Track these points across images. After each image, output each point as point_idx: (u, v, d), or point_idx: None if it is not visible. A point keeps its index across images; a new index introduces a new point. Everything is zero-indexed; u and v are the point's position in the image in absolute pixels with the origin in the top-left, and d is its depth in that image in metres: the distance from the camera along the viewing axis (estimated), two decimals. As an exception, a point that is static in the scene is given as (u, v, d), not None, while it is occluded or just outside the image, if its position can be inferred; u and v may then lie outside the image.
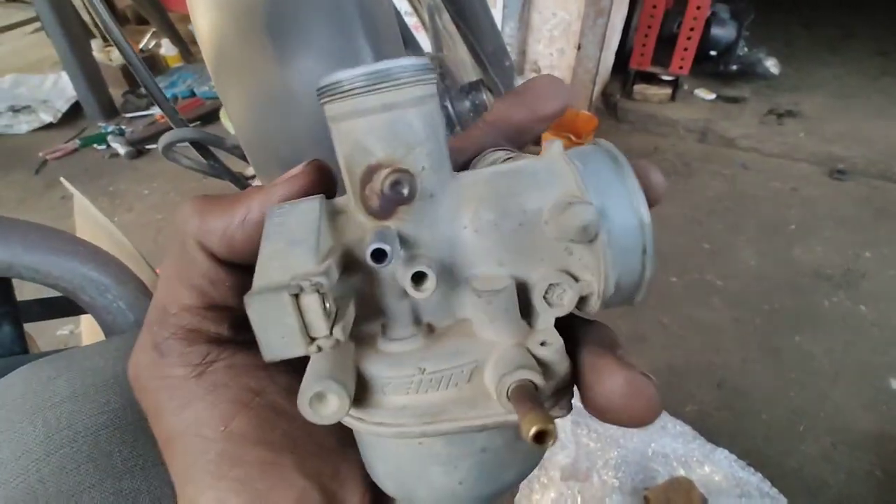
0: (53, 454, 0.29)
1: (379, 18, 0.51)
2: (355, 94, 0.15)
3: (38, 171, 2.35)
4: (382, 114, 0.15)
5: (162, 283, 0.19)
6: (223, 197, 0.19)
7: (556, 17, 2.35)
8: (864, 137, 2.40)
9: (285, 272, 0.13)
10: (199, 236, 0.18)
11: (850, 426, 1.31)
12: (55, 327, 1.52)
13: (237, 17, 0.48)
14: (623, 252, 0.15)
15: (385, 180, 0.15)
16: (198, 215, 0.18)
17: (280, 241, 0.15)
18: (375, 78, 0.14)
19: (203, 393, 0.18)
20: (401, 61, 0.15)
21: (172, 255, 0.19)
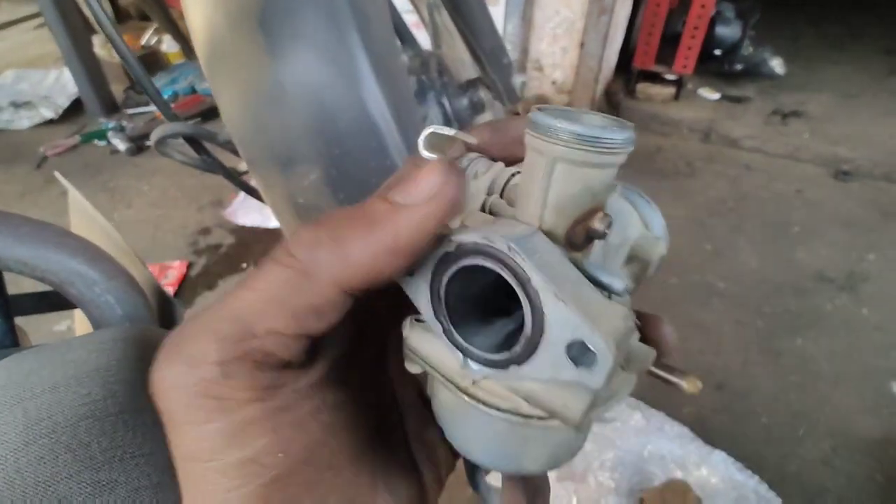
0: (32, 444, 0.28)
1: (371, 14, 0.50)
2: (598, 152, 0.17)
3: (40, 166, 2.36)
4: (611, 169, 0.18)
5: (250, 298, 0.16)
6: (349, 218, 0.17)
7: (558, 15, 2.35)
8: (870, 138, 2.38)
9: (615, 320, 0.17)
10: (338, 274, 0.16)
11: (850, 430, 1.29)
12: (52, 323, 1.52)
13: (230, 12, 0.47)
14: (655, 265, 0.20)
15: (602, 222, 0.17)
16: (335, 247, 0.16)
17: (565, 283, 0.16)
18: (616, 144, 0.17)
19: (265, 418, 0.16)
20: (628, 131, 0.17)
21: (277, 275, 0.16)
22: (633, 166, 2.23)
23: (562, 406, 0.17)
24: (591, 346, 0.15)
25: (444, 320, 0.18)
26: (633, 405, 1.24)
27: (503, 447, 0.20)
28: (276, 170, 0.53)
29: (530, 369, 0.17)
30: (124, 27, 3.88)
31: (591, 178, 0.17)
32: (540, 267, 0.16)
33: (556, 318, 0.16)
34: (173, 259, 1.81)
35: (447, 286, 0.18)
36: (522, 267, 0.16)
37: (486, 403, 0.18)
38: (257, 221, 1.96)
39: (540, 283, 0.16)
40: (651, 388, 1.37)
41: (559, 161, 0.17)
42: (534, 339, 0.16)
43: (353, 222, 0.16)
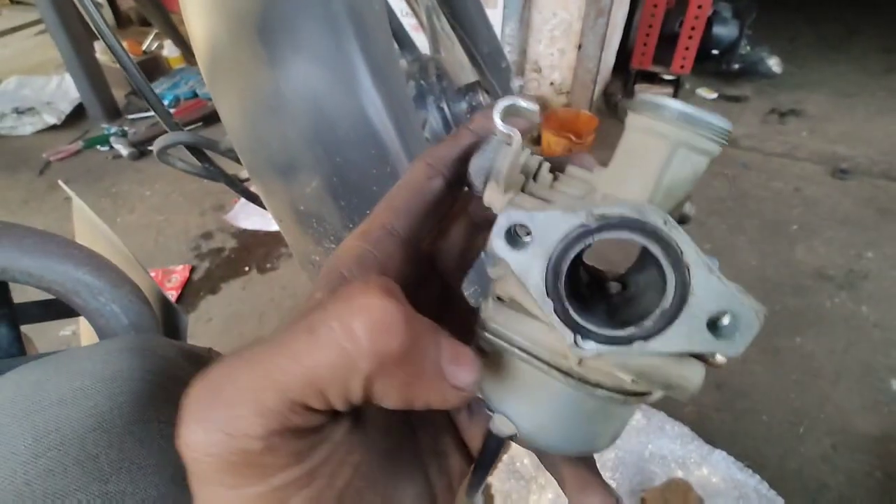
0: (41, 457, 0.29)
1: (369, 22, 0.51)
2: (717, 141, 0.18)
3: (42, 172, 2.37)
4: (709, 159, 0.19)
5: (292, 374, 0.15)
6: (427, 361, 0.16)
7: (556, 17, 2.35)
8: (868, 136, 2.39)
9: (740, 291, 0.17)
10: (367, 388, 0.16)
11: (850, 428, 1.30)
12: (57, 328, 1.53)
13: (230, 21, 0.48)
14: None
15: (692, 206, 0.19)
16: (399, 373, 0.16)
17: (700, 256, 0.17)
18: (727, 134, 0.18)
19: (302, 478, 0.16)
20: (726, 123, 0.18)
21: (324, 360, 0.15)
22: (631, 167, 2.24)
23: (679, 378, 0.17)
24: (738, 316, 0.16)
25: (561, 298, 0.18)
26: (633, 405, 1.25)
27: (587, 427, 0.20)
28: (277, 178, 0.54)
29: (660, 344, 0.17)
30: (125, 32, 3.89)
31: (700, 165, 0.18)
32: (686, 238, 0.17)
33: (706, 290, 0.16)
34: (176, 263, 1.82)
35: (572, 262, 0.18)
36: (677, 241, 0.17)
37: (590, 383, 0.19)
38: (259, 225, 1.97)
39: (693, 257, 0.17)
40: (652, 388, 1.38)
41: (682, 146, 0.18)
42: (671, 313, 0.17)
43: (422, 365, 0.16)
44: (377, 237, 0.21)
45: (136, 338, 0.37)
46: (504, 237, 0.18)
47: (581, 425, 0.20)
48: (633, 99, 0.19)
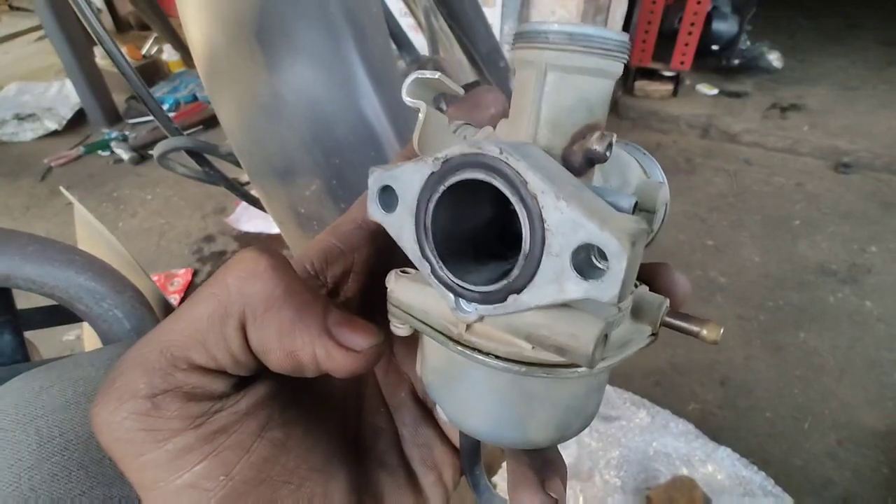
0: (45, 462, 0.29)
1: (367, 24, 0.51)
2: (590, 52, 0.15)
3: (44, 177, 2.38)
4: (607, 80, 0.16)
5: (175, 329, 0.16)
6: (295, 308, 0.17)
7: (554, 14, 2.35)
8: (870, 130, 2.37)
9: (624, 220, 0.14)
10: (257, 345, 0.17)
11: (855, 423, 1.29)
12: (61, 333, 1.54)
13: (227, 25, 0.48)
14: (661, 214, 0.21)
15: (601, 141, 0.15)
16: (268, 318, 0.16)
17: (566, 187, 0.14)
18: (610, 44, 0.15)
19: (201, 444, 0.16)
20: (621, 35, 0.15)
21: (203, 308, 0.16)
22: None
23: (569, 337, 0.14)
24: (601, 246, 0.13)
25: (432, 256, 0.16)
26: (637, 403, 1.25)
27: (504, 409, 0.18)
28: (277, 181, 0.54)
29: (531, 295, 0.14)
30: (125, 37, 3.91)
31: (587, 88, 0.16)
32: (536, 168, 0.14)
33: (559, 221, 0.13)
34: (178, 267, 1.82)
35: (434, 215, 0.16)
36: (517, 168, 0.14)
37: (481, 351, 0.16)
38: (261, 228, 1.97)
39: (537, 183, 0.13)
40: (655, 385, 1.37)
41: (551, 68, 0.15)
42: (533, 255, 0.14)
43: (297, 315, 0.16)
44: (346, 231, 0.22)
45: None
46: (377, 200, 0.17)
47: (497, 406, 0.18)
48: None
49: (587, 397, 0.19)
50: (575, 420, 0.18)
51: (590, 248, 0.13)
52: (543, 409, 0.18)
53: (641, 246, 0.13)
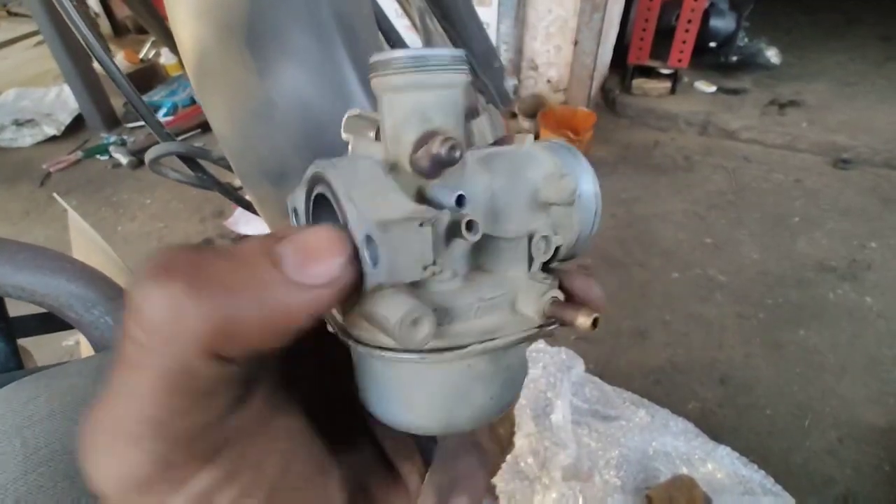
0: (31, 473, 0.29)
1: (357, 26, 0.51)
2: (422, 70, 0.17)
3: (43, 183, 2.39)
4: (443, 90, 0.18)
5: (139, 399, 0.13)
6: (226, 271, 0.14)
7: (551, 13, 2.35)
8: (869, 125, 2.37)
9: (398, 210, 0.16)
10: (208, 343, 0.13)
11: (856, 420, 1.29)
12: (61, 338, 1.54)
13: (217, 29, 0.48)
14: (586, 213, 0.20)
15: (443, 145, 0.17)
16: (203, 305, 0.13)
17: (365, 187, 0.17)
18: (443, 60, 0.18)
19: (219, 477, 0.15)
20: (455, 51, 0.18)
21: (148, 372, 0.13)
22: (630, 161, 2.22)
23: (382, 318, 0.16)
24: (371, 234, 0.15)
25: None
26: (637, 402, 1.24)
27: (385, 392, 0.19)
28: (269, 185, 0.54)
29: (366, 285, 0.16)
30: (123, 41, 3.91)
31: (418, 101, 0.18)
32: (344, 177, 0.17)
33: (351, 218, 0.16)
34: (176, 271, 1.82)
35: (315, 220, 0.19)
36: (328, 179, 0.17)
37: (356, 340, 0.18)
38: (259, 230, 1.98)
39: (340, 190, 0.16)
40: (655, 384, 1.37)
41: (383, 91, 0.18)
42: (355, 250, 0.16)
43: (232, 279, 0.14)
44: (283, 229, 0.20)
45: (128, 350, 0.37)
46: (293, 217, 0.21)
47: (381, 389, 0.19)
48: None
49: (464, 385, 0.19)
50: (459, 408, 0.19)
51: (368, 238, 0.15)
52: (418, 393, 0.19)
53: (405, 230, 0.16)
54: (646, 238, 1.90)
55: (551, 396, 1.21)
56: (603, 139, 2.47)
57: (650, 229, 1.95)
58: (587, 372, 1.29)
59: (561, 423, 1.14)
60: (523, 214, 0.20)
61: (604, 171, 2.30)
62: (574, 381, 1.25)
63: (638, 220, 2.00)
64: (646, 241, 1.89)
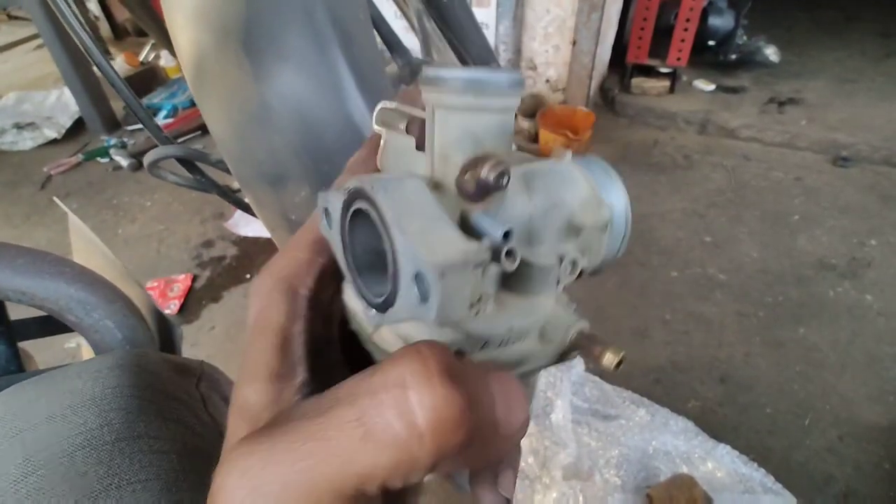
0: (30, 476, 0.29)
1: (354, 30, 0.51)
2: (479, 93, 0.17)
3: (44, 186, 2.39)
4: (498, 115, 0.18)
5: (344, 467, 0.13)
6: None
7: (549, 13, 2.35)
8: (868, 123, 2.37)
9: (452, 250, 0.16)
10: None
11: (857, 418, 1.29)
12: (63, 340, 1.54)
13: (214, 34, 0.48)
14: (615, 237, 0.20)
15: (492, 171, 0.16)
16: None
17: (415, 217, 0.16)
18: (493, 85, 0.17)
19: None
20: (514, 74, 0.18)
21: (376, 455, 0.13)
22: (629, 160, 2.22)
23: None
24: (424, 272, 0.15)
25: (350, 268, 0.19)
26: (637, 401, 1.25)
27: None
28: (267, 188, 0.54)
29: (397, 309, 0.16)
30: (123, 44, 3.92)
31: (472, 123, 0.18)
32: (395, 203, 0.16)
33: (401, 249, 0.15)
34: (178, 273, 1.83)
35: (351, 233, 0.18)
36: (377, 202, 0.16)
37: (383, 351, 0.19)
38: (259, 232, 1.98)
39: (389, 216, 0.16)
40: (655, 383, 1.37)
41: (437, 107, 0.18)
42: (395, 276, 0.16)
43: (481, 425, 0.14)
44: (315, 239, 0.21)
45: (127, 354, 0.38)
46: (324, 219, 0.20)
47: None
48: None
49: None
50: None
51: (419, 274, 0.15)
52: None
53: (461, 274, 0.15)
54: (645, 237, 1.91)
55: (551, 396, 1.21)
56: (602, 138, 2.47)
57: (649, 228, 1.95)
58: (587, 371, 1.29)
59: (561, 423, 1.14)
60: (557, 238, 0.20)
61: (603, 170, 2.29)
62: (574, 381, 1.25)
63: (637, 218, 1.99)
64: (645, 239, 1.89)
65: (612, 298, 1.65)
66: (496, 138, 0.18)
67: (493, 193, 0.17)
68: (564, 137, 2.07)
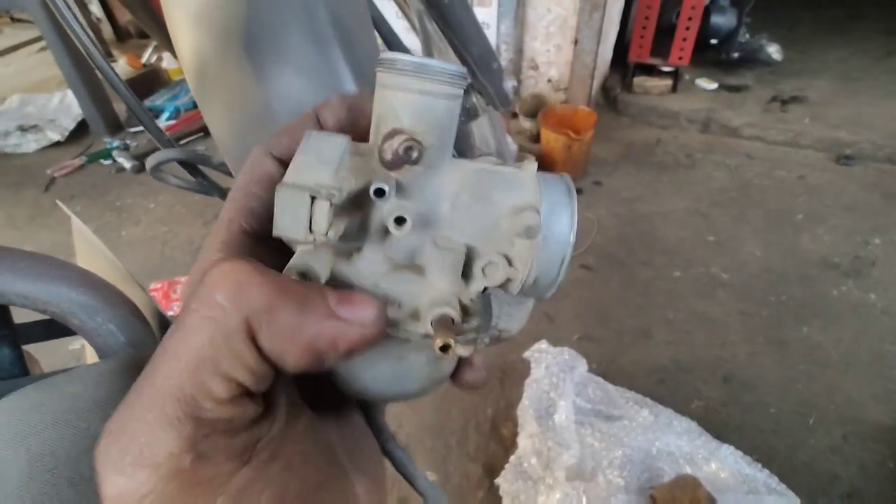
0: (35, 481, 0.29)
1: (355, 31, 0.51)
2: (406, 74, 0.19)
3: (48, 188, 2.40)
4: (419, 96, 0.19)
5: (178, 370, 0.15)
6: (289, 294, 0.16)
7: (550, 13, 2.35)
8: (872, 121, 2.36)
9: (311, 178, 0.19)
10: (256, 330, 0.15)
11: (861, 417, 1.29)
12: (67, 342, 1.55)
13: (216, 36, 0.48)
14: (549, 257, 0.20)
15: (402, 144, 0.19)
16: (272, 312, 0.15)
17: (312, 155, 0.19)
18: (423, 69, 0.19)
19: (258, 476, 0.16)
20: (446, 65, 0.19)
21: (201, 339, 0.15)
22: (631, 160, 2.22)
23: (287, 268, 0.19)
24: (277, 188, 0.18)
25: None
26: (640, 402, 1.24)
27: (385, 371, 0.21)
28: (269, 190, 0.54)
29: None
30: (125, 46, 3.93)
31: (400, 101, 0.19)
32: (311, 143, 0.20)
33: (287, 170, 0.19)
34: (182, 274, 1.83)
35: None
36: (303, 138, 0.20)
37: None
38: (261, 233, 1.98)
39: (300, 149, 0.19)
40: (658, 384, 1.37)
41: (377, 85, 0.20)
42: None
43: (290, 285, 0.16)
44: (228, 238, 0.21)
45: (130, 358, 0.38)
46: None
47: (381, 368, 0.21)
48: None
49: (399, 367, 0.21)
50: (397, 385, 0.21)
51: None
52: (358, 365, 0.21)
53: (295, 195, 0.18)
54: (648, 236, 1.90)
55: (554, 397, 1.21)
56: (604, 138, 2.47)
57: (652, 228, 1.95)
58: (590, 372, 1.29)
59: (564, 424, 1.14)
60: (478, 234, 0.20)
61: (605, 170, 2.29)
62: (577, 382, 1.25)
63: (640, 218, 2.00)
64: (648, 239, 1.89)
65: (615, 298, 1.65)
66: (418, 118, 0.19)
67: (404, 165, 0.19)
68: (566, 137, 2.07)
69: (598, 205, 2.07)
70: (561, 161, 2.14)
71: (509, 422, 1.28)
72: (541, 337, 1.34)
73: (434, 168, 0.20)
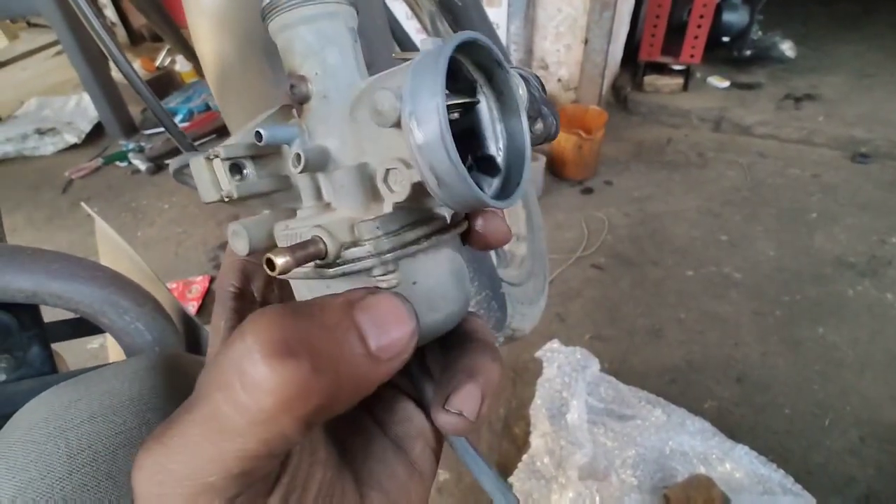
0: (75, 473, 0.31)
1: (372, 36, 0.52)
2: (274, 15, 0.19)
3: (65, 190, 2.45)
4: (291, 29, 0.19)
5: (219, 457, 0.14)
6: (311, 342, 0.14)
7: (561, 12, 2.34)
8: (887, 118, 2.32)
9: (221, 149, 0.19)
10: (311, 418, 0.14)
11: (878, 418, 1.27)
12: (86, 341, 1.58)
13: (238, 43, 0.50)
14: (428, 139, 0.15)
15: (288, 84, 0.19)
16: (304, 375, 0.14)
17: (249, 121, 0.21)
18: (271, 6, 0.19)
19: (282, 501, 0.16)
20: None
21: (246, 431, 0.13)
22: (642, 159, 2.20)
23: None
24: None
25: None
26: (653, 401, 1.24)
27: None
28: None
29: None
30: (138, 49, 3.99)
31: (280, 43, 0.20)
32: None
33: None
34: (196, 275, 1.86)
35: None
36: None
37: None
38: (273, 234, 2.00)
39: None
40: (671, 383, 1.36)
41: (276, 32, 0.20)
42: None
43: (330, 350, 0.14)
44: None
45: (161, 356, 0.39)
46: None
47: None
48: None
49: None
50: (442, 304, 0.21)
51: None
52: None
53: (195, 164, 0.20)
54: (659, 236, 1.89)
55: (567, 396, 1.21)
56: (615, 137, 2.46)
57: (663, 227, 1.93)
58: (602, 371, 1.29)
59: (577, 423, 1.14)
60: (369, 148, 0.18)
61: (616, 169, 2.28)
62: (589, 381, 1.25)
63: (651, 217, 1.99)
64: (659, 238, 1.88)
65: (626, 298, 1.64)
66: (306, 49, 0.19)
67: (302, 106, 0.19)
68: (577, 137, 2.06)
69: (609, 204, 2.06)
70: (571, 161, 2.14)
71: (522, 421, 1.28)
72: (552, 336, 1.34)
73: (329, 96, 0.19)
